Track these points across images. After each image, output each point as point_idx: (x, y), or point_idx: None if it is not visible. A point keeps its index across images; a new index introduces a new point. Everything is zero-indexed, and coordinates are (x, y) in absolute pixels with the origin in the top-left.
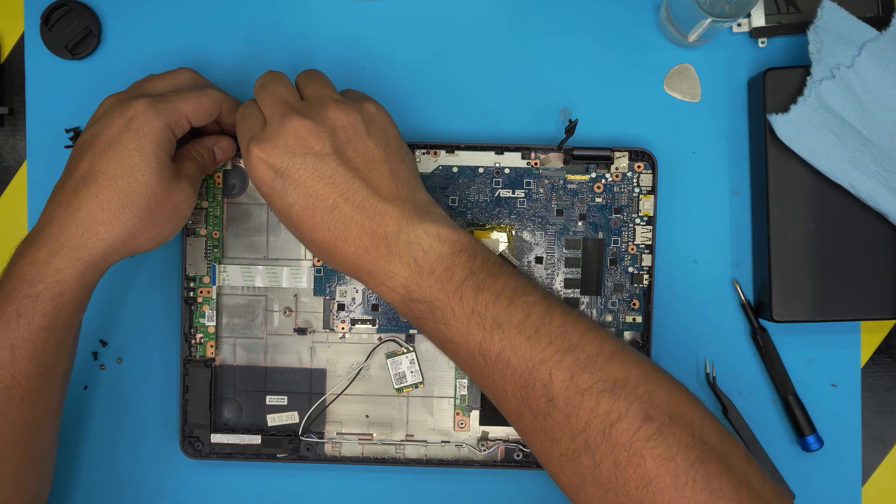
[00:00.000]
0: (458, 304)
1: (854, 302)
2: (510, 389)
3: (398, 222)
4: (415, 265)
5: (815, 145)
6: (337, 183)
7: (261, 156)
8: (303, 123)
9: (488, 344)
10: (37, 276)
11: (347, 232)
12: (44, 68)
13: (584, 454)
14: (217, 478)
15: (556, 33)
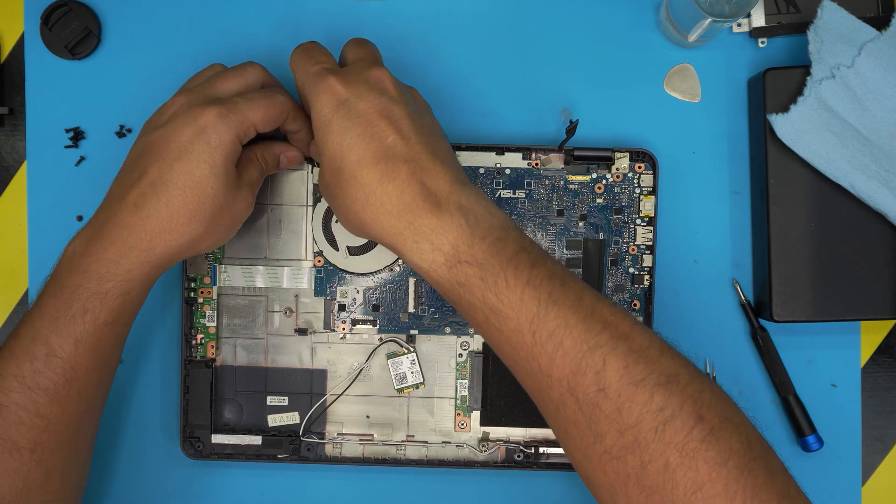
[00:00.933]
0: (512, 272)
1: (854, 302)
2: (557, 374)
3: (450, 183)
4: (466, 226)
5: (815, 145)
6: (400, 127)
7: (335, 84)
8: (388, 74)
9: (542, 320)
10: (105, 274)
11: (396, 173)
12: (44, 68)
13: (631, 452)
14: (217, 478)
15: (556, 33)
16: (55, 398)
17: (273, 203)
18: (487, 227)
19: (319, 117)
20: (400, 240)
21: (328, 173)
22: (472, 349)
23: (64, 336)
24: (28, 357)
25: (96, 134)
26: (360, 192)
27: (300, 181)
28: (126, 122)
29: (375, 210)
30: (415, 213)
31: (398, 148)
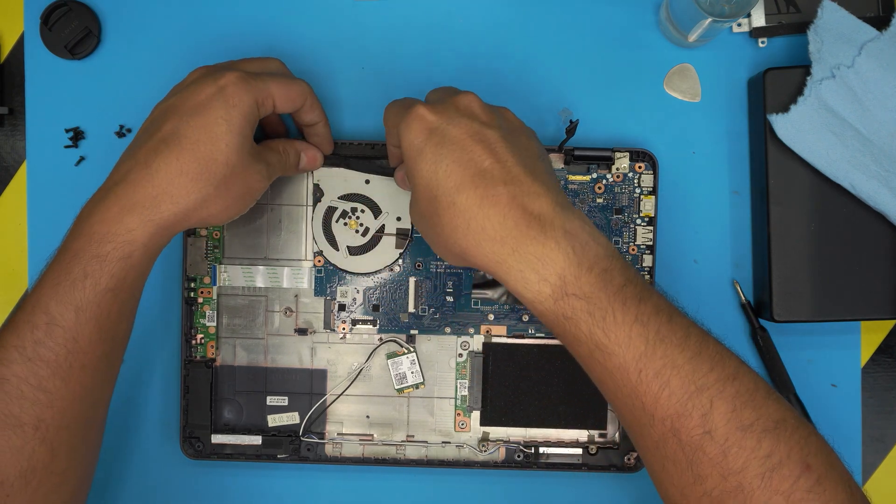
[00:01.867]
0: (620, 308)
1: (854, 302)
2: (661, 414)
3: (552, 206)
4: (573, 255)
5: (815, 145)
6: (495, 150)
7: (424, 113)
8: (476, 98)
9: (649, 358)
10: (106, 234)
11: (497, 198)
12: (44, 68)
13: (734, 497)
14: (217, 478)
15: (556, 33)
16: (58, 371)
17: (273, 203)
18: (594, 256)
19: (411, 147)
20: (504, 268)
21: (423, 202)
22: (472, 349)
23: (64, 303)
24: (29, 326)
25: (96, 134)
26: (460, 219)
27: (300, 181)
28: (126, 122)
29: (477, 236)
30: (518, 240)
31: (496, 171)
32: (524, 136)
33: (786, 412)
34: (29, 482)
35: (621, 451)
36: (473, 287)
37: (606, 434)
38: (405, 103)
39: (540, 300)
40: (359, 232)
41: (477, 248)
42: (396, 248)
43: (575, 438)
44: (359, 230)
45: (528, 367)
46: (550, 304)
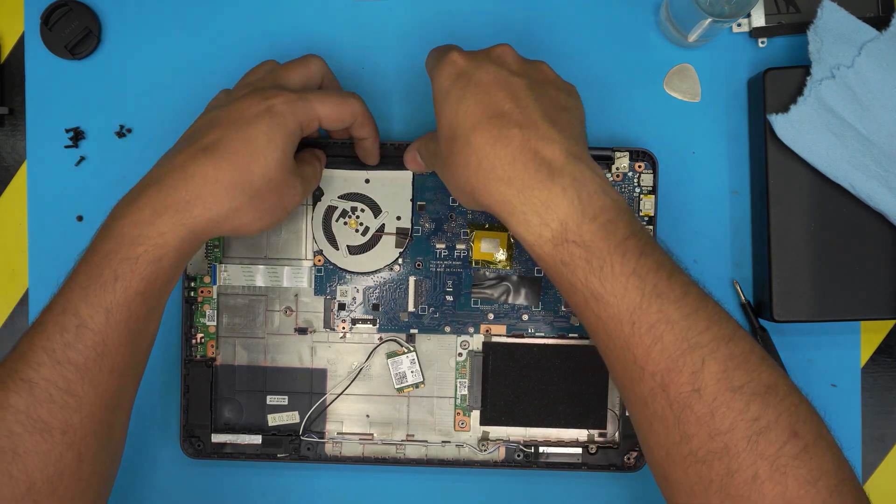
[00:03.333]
0: (619, 259)
1: (854, 302)
2: (651, 368)
3: (565, 155)
4: (578, 203)
5: (815, 145)
6: (518, 95)
7: (456, 58)
8: (511, 49)
9: (643, 311)
10: (138, 237)
11: (510, 139)
12: (44, 68)
13: (719, 458)
14: (217, 478)
15: (557, 33)
16: (87, 375)
17: None
18: (600, 206)
19: (439, 89)
20: (508, 208)
21: (443, 142)
22: (472, 348)
23: (94, 305)
24: (58, 328)
25: (96, 134)
26: (473, 157)
27: None
28: (126, 122)
29: (486, 175)
30: (525, 182)
31: (513, 114)
32: (554, 89)
33: (778, 378)
34: (56, 488)
35: (621, 450)
36: (473, 286)
37: (606, 434)
38: (442, 49)
39: (539, 244)
40: (359, 231)
41: (485, 186)
42: (396, 247)
43: (575, 438)
44: (359, 229)
45: (528, 367)
46: (549, 248)
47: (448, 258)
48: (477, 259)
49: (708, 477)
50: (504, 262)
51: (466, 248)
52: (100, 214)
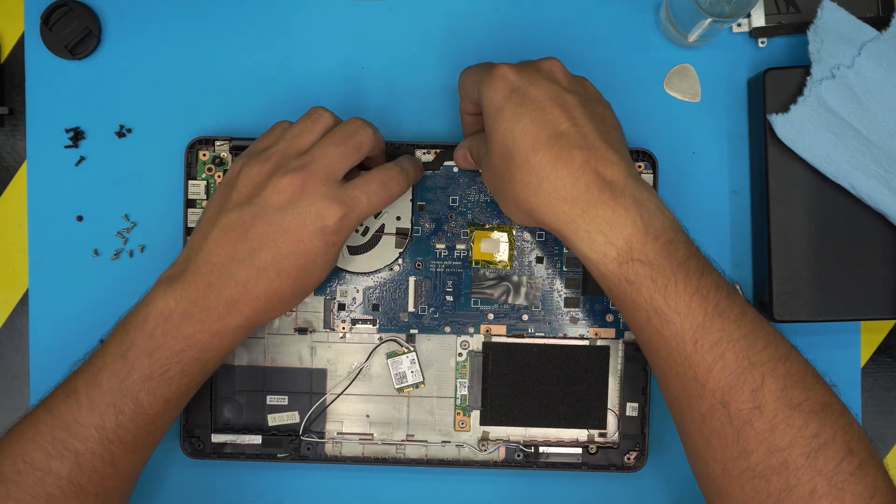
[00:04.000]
0: (682, 278)
1: (854, 302)
2: (712, 385)
3: (624, 175)
4: (640, 223)
5: (815, 145)
6: (573, 115)
7: (506, 72)
8: (560, 64)
9: (705, 330)
10: (210, 344)
11: (571, 159)
12: (44, 68)
13: (777, 474)
14: (217, 478)
15: (557, 33)
16: (132, 450)
17: None
18: (660, 226)
19: (491, 104)
20: (572, 227)
21: (497, 159)
22: (472, 349)
23: (156, 396)
24: (114, 411)
25: (96, 134)
26: (533, 177)
27: None
28: (126, 122)
29: (549, 195)
30: (589, 203)
31: (572, 135)
32: (601, 106)
33: (832, 397)
34: None
35: (621, 450)
36: (473, 286)
37: (606, 434)
38: (486, 65)
39: (605, 262)
40: (359, 231)
41: (547, 206)
42: (396, 247)
43: (575, 438)
44: (359, 229)
45: (528, 367)
46: (614, 266)
47: (448, 258)
48: (477, 259)
49: (766, 491)
50: (504, 262)
51: (466, 248)
52: (100, 214)
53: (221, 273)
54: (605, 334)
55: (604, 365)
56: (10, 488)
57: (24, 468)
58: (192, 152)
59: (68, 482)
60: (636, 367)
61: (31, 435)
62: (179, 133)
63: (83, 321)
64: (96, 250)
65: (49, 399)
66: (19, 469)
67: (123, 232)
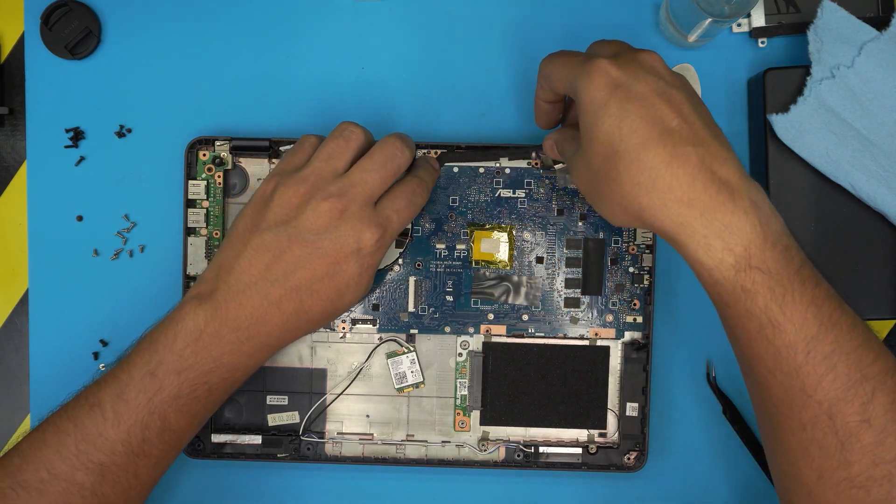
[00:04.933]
0: (799, 287)
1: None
2: (819, 397)
3: (739, 174)
4: (759, 228)
5: (815, 145)
6: (682, 111)
7: (607, 67)
8: (660, 58)
9: (819, 341)
10: (237, 365)
11: (686, 157)
12: (44, 68)
13: (879, 485)
14: (217, 478)
15: (557, 33)
16: (156, 463)
17: None
18: (777, 231)
19: (593, 101)
20: (687, 231)
21: (600, 158)
22: (472, 349)
23: (183, 413)
24: (140, 428)
25: (96, 134)
26: (645, 176)
27: None
28: (126, 122)
29: (663, 195)
30: (707, 205)
31: (683, 131)
32: (701, 102)
33: None
34: None
35: (621, 450)
36: (473, 286)
37: (606, 434)
38: (576, 56)
39: (721, 269)
40: None
41: (661, 207)
42: (396, 247)
43: (575, 438)
44: None
45: (528, 367)
46: (731, 273)
47: (448, 258)
48: (477, 259)
49: (865, 501)
50: (504, 262)
51: (466, 248)
52: (100, 214)
53: (254, 293)
54: (605, 334)
55: (604, 365)
56: (34, 496)
57: (47, 478)
58: (192, 152)
59: (92, 493)
60: (636, 367)
61: (54, 445)
62: (179, 133)
63: (83, 321)
64: (96, 250)
65: (72, 408)
66: (43, 478)
67: (123, 232)
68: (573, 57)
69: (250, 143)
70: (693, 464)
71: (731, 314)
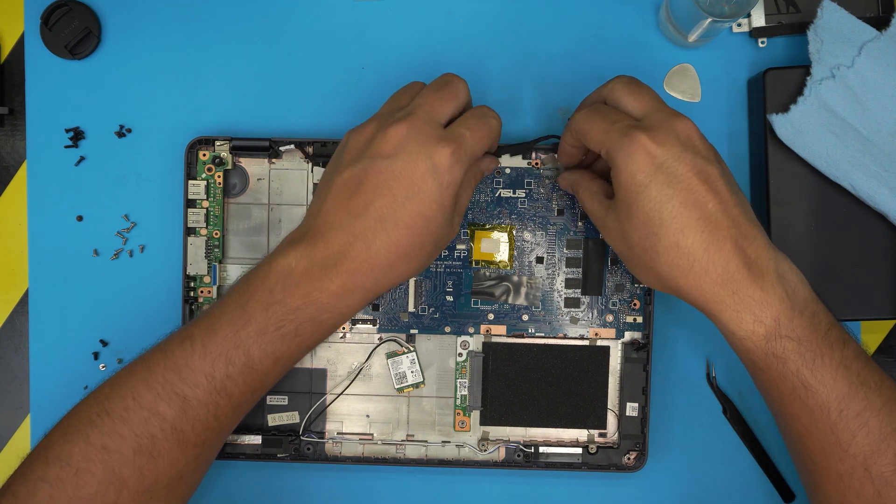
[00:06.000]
0: (828, 351)
1: (854, 302)
2: (854, 450)
3: (767, 250)
4: (787, 299)
5: (815, 145)
6: (718, 190)
7: (647, 145)
8: (693, 126)
9: (850, 399)
10: (326, 305)
11: (721, 243)
12: (44, 68)
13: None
14: (217, 478)
15: (556, 33)
16: (236, 405)
17: (273, 202)
18: (803, 299)
19: (633, 180)
20: (720, 307)
21: (637, 235)
22: (472, 349)
23: (267, 352)
24: (225, 361)
25: (96, 134)
26: (683, 260)
27: (300, 181)
28: (126, 122)
29: (699, 278)
30: (739, 283)
31: (719, 215)
32: (728, 170)
33: None
34: (172, 490)
35: (621, 450)
36: (473, 286)
37: (606, 434)
38: (614, 121)
39: (752, 339)
40: None
41: (696, 288)
42: None
43: (575, 438)
44: None
45: (528, 367)
46: (762, 343)
47: (448, 258)
48: (477, 259)
49: None
50: (504, 262)
51: (466, 248)
52: (100, 214)
53: (339, 230)
54: (605, 334)
55: (604, 365)
56: (118, 423)
57: (132, 405)
58: (192, 152)
59: (172, 427)
60: (636, 367)
61: (143, 374)
62: (179, 133)
63: (83, 321)
64: (96, 250)
65: (165, 343)
66: (128, 406)
67: (123, 232)
68: (611, 123)
69: (250, 143)
70: (693, 464)
71: (764, 377)
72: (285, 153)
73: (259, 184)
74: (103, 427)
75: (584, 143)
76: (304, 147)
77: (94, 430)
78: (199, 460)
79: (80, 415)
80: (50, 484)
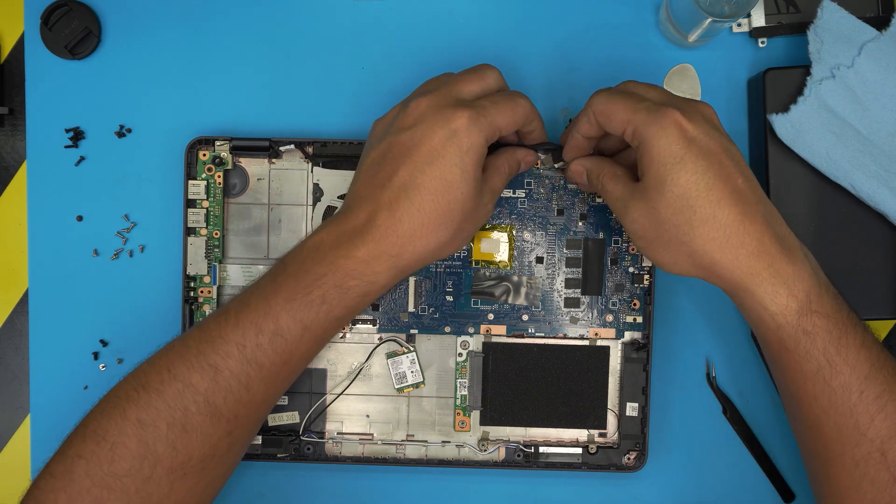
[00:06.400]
0: (852, 330)
1: (854, 302)
2: (872, 434)
3: (789, 230)
4: (815, 277)
5: (815, 145)
6: (742, 169)
7: (681, 121)
8: (712, 109)
9: (871, 381)
10: (352, 271)
11: (755, 216)
12: (44, 68)
13: None
14: None
15: (557, 33)
16: (266, 377)
17: (273, 202)
18: (826, 280)
19: (668, 153)
20: (756, 280)
21: (670, 211)
22: (472, 349)
23: (296, 319)
24: (255, 330)
25: (96, 134)
26: (720, 232)
27: (300, 181)
28: (126, 122)
29: (736, 250)
30: (774, 257)
31: (747, 190)
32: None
33: None
34: (205, 467)
35: (621, 450)
36: (473, 294)
37: (606, 434)
38: (639, 100)
39: (785, 314)
40: None
41: (733, 260)
42: None
43: (575, 438)
44: None
45: (528, 367)
46: (794, 318)
47: (448, 258)
48: (477, 259)
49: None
50: (504, 262)
51: (466, 248)
52: (100, 214)
53: (367, 201)
54: (605, 334)
55: (604, 365)
56: (153, 396)
57: (167, 378)
58: (192, 152)
59: (205, 399)
60: (636, 367)
61: (179, 348)
62: (179, 133)
63: (83, 321)
64: (96, 250)
65: (203, 320)
66: (163, 378)
67: (123, 232)
68: (637, 101)
69: (250, 143)
70: (693, 464)
71: (788, 358)
72: (285, 153)
73: (259, 184)
74: (139, 400)
75: (604, 126)
76: (304, 147)
77: (130, 404)
78: (233, 437)
79: (118, 391)
80: (86, 460)
